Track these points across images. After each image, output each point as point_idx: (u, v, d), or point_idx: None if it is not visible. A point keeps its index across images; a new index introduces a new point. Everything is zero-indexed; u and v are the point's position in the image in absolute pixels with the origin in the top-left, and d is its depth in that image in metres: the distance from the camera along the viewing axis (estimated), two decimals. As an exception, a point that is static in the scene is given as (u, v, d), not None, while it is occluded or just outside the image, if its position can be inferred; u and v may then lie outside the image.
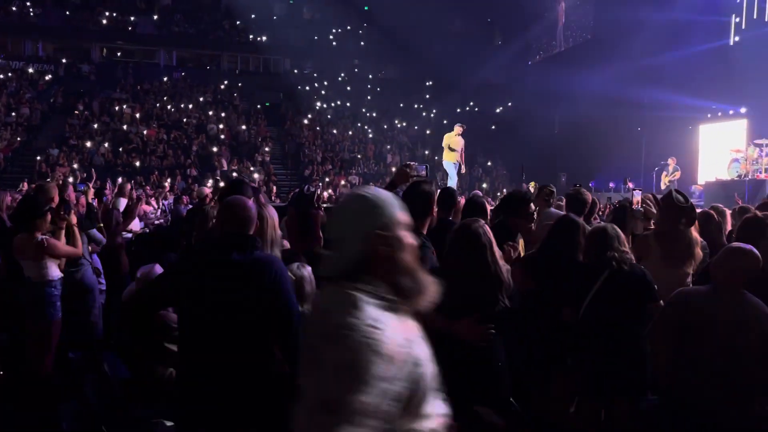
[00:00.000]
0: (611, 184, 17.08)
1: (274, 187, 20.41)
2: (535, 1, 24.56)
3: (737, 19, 16.11)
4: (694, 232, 4.09)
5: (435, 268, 3.23)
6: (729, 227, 4.63)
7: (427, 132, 27.39)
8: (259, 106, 27.49)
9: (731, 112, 17.58)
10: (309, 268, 3.79)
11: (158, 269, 3.90)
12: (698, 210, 5.07)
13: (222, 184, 17.97)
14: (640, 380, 3.39)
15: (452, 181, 12.35)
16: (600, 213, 6.69)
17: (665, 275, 3.46)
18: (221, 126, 24.32)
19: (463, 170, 12.76)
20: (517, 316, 3.59)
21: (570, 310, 3.57)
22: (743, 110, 16.99)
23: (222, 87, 28.06)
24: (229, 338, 2.60)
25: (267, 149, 23.77)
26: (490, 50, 27.10)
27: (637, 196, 4.57)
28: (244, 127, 24.93)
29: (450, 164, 12.65)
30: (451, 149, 12.54)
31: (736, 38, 16.01)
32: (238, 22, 30.95)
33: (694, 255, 3.98)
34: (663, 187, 14.58)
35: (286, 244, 3.96)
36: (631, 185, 15.43)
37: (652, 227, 4.35)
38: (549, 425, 3.83)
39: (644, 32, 17.30)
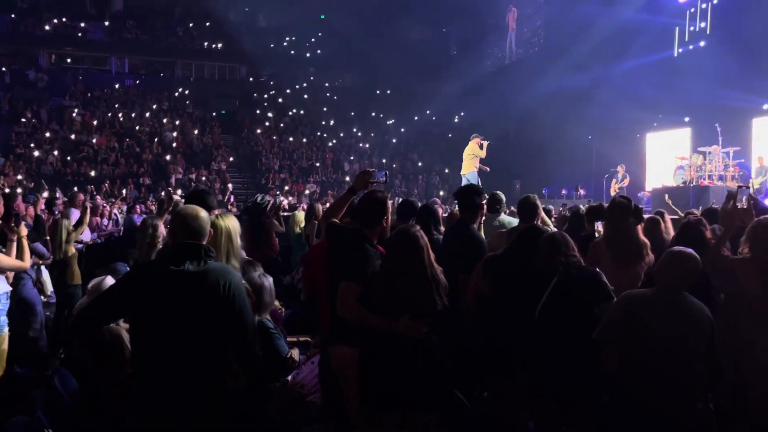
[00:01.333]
0: (563, 191, 17.50)
1: (231, 196, 20.20)
2: (489, 12, 25.05)
3: (680, 31, 16.77)
4: (643, 236, 4.26)
5: (376, 272, 3.30)
6: (672, 232, 4.82)
7: (389, 140, 27.56)
8: (214, 114, 27.16)
9: (676, 121, 18.28)
10: (270, 278, 3.80)
11: (110, 280, 3.84)
12: (650, 216, 5.29)
13: (180, 192, 17.71)
14: (595, 381, 3.47)
15: None
16: (553, 220, 6.86)
17: (618, 276, 3.60)
18: (175, 134, 23.92)
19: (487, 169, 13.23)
20: (458, 315, 3.69)
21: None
22: (687, 119, 17.69)
23: (176, 94, 27.62)
24: (183, 351, 2.56)
25: (223, 157, 23.50)
26: (446, 59, 27.47)
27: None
28: (197, 132, 24.57)
29: (475, 174, 13.05)
30: (477, 156, 13.05)
31: (680, 50, 16.65)
32: (192, 29, 30.55)
33: (644, 255, 4.14)
34: (613, 193, 15.04)
35: (243, 254, 3.95)
36: (582, 192, 15.88)
37: (601, 231, 4.52)
38: (505, 427, 3.92)
39: (593, 43, 17.84)
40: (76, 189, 13.74)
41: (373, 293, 3.21)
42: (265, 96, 28.65)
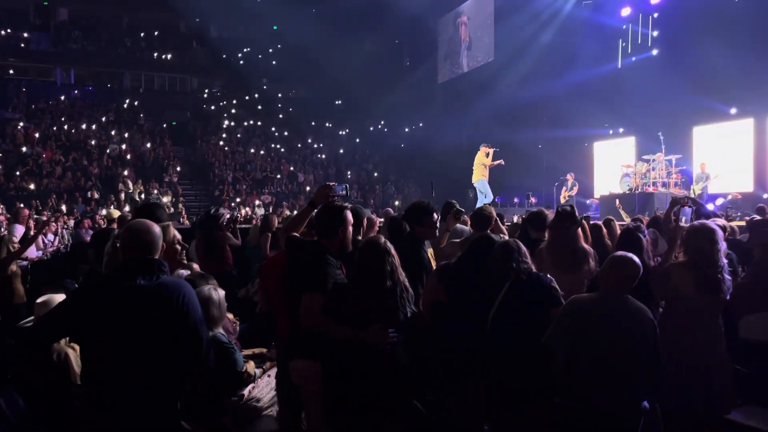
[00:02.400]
0: (516, 199, 17.85)
1: (183, 209, 19.85)
2: (441, 24, 25.44)
3: (624, 44, 17.39)
4: (585, 244, 4.41)
5: (343, 283, 3.32)
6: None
7: (340, 151, 27.56)
8: (165, 126, 26.67)
9: (621, 130, 18.92)
10: (221, 292, 3.77)
11: (57, 298, 3.74)
12: (593, 222, 5.47)
13: (127, 206, 17.31)
14: (547, 384, 3.54)
15: (489, 198, 13.10)
16: (508, 227, 7.02)
17: (560, 281, 3.70)
18: (124, 146, 23.38)
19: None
20: (424, 324, 3.74)
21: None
22: (631, 128, 18.34)
23: (125, 106, 27.02)
24: (136, 367, 2.53)
25: (174, 170, 23.08)
26: (399, 71, 27.73)
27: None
28: (149, 146, 24.08)
29: (483, 182, 13.22)
30: (484, 165, 13.21)
31: (624, 62, 17.26)
32: (141, 39, 30.00)
33: (584, 262, 4.29)
34: (563, 201, 15.41)
35: (196, 267, 3.91)
36: (533, 200, 16.22)
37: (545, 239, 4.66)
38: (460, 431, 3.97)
39: (542, 57, 18.33)
40: (21, 205, 13.28)
41: (339, 304, 3.22)
42: (218, 107, 28.31)
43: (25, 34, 27.74)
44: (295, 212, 4.61)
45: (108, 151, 22.72)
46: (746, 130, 15.75)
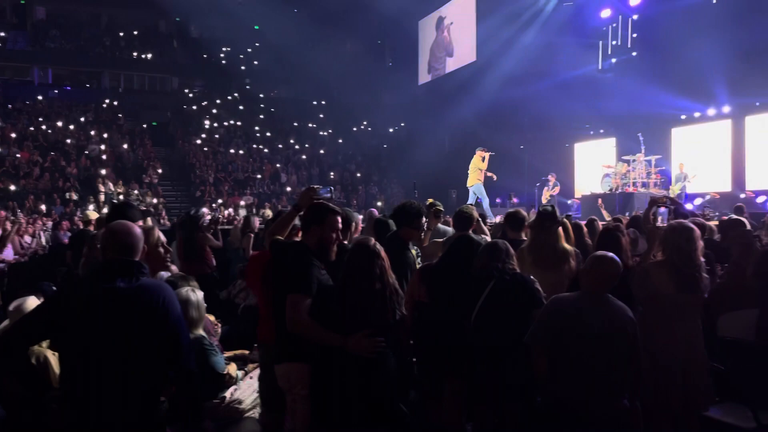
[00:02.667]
0: (498, 200, 17.95)
1: (163, 210, 19.66)
2: (422, 25, 25.47)
3: (604, 46, 17.56)
4: (566, 244, 4.44)
5: (329, 285, 3.30)
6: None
7: (321, 151, 27.48)
8: (145, 126, 26.39)
9: (602, 131, 19.13)
10: (200, 293, 3.74)
11: (33, 301, 3.69)
12: (575, 221, 5.51)
13: (107, 208, 17.08)
14: (528, 384, 3.56)
15: (486, 201, 13.36)
16: (490, 228, 7.05)
17: (539, 281, 3.73)
18: (103, 147, 23.09)
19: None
20: (411, 326, 3.74)
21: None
22: (612, 129, 18.54)
23: (104, 106, 26.68)
24: (116, 371, 2.49)
25: (155, 170, 22.85)
26: (382, 71, 27.73)
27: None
28: (126, 146, 23.80)
29: (479, 186, 13.40)
30: (480, 170, 13.37)
31: (604, 64, 17.43)
32: (120, 39, 29.66)
33: (564, 261, 4.32)
34: (545, 201, 15.53)
35: (174, 268, 3.87)
36: (515, 200, 16.32)
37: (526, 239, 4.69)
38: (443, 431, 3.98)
39: (524, 58, 18.43)
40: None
41: (325, 307, 3.20)
42: (199, 107, 28.07)
43: (2, 33, 27.28)
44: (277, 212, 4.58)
45: (87, 151, 22.44)
46: (724, 131, 16.00)
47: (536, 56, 18.32)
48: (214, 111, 28.03)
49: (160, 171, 23.08)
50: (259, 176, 24.38)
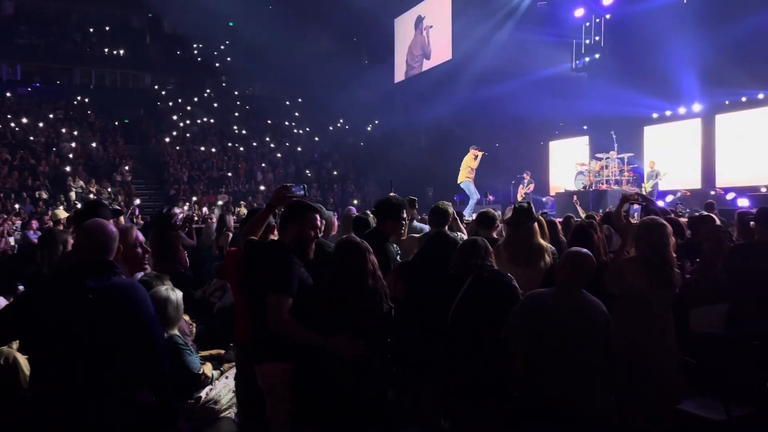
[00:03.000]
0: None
1: (137, 209, 19.36)
2: (398, 23, 25.47)
3: (578, 44, 17.76)
4: (542, 240, 4.48)
5: (311, 285, 3.27)
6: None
7: (299, 149, 27.34)
8: (117, 123, 25.97)
9: (576, 129, 19.34)
10: (179, 293, 3.69)
11: (2, 301, 3.60)
12: (549, 219, 5.55)
13: (78, 206, 16.77)
14: (506, 380, 3.57)
15: (473, 199, 13.40)
16: (466, 226, 7.09)
17: (516, 276, 3.75)
18: (74, 144, 22.66)
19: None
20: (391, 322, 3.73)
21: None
22: (585, 127, 18.76)
23: (75, 103, 26.19)
24: (88, 371, 2.45)
25: (127, 168, 22.51)
26: (358, 69, 27.68)
27: None
28: (97, 144, 23.40)
29: (468, 183, 13.49)
30: (471, 168, 13.43)
31: (577, 62, 17.63)
32: (92, 35, 29.13)
33: (539, 257, 4.36)
34: (520, 198, 15.65)
35: (147, 268, 3.81)
36: (491, 198, 16.42)
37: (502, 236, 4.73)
38: (420, 427, 3.99)
39: (498, 55, 18.54)
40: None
41: (309, 306, 3.17)
42: (172, 104, 27.71)
43: (-32, 29, 26.66)
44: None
45: (56, 149, 22.01)
46: (694, 130, 16.30)
47: (511, 55, 18.44)
48: (188, 108, 27.70)
49: (133, 169, 22.73)
50: (232, 174, 24.16)
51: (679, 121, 16.67)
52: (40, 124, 23.37)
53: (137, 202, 17.90)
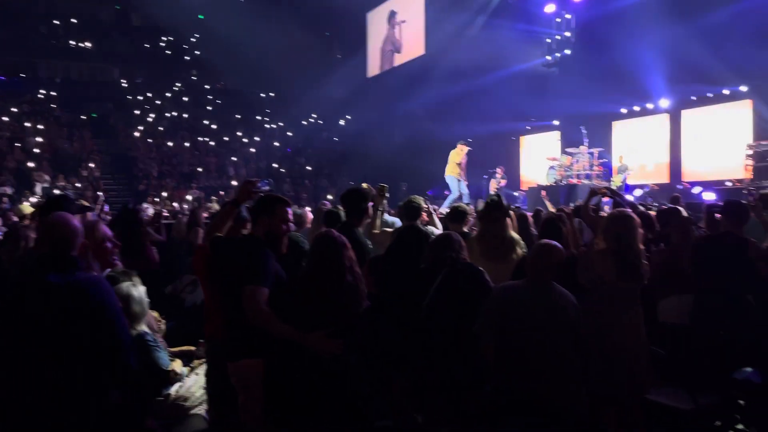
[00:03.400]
0: (446, 192, 18.12)
1: (106, 205, 18.97)
2: (371, 18, 25.40)
3: (548, 40, 17.90)
4: (513, 233, 4.51)
5: (286, 279, 3.24)
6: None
7: (276, 144, 27.10)
8: (84, 118, 25.42)
9: (547, 123, 19.55)
10: (142, 288, 3.61)
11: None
12: (520, 212, 5.59)
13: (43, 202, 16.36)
14: (481, 372, 3.59)
15: (453, 195, 13.25)
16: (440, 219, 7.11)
17: (488, 270, 3.77)
18: (39, 139, 22.13)
19: (466, 181, 13.79)
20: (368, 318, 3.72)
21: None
22: (556, 122, 18.95)
23: (40, 96, 25.55)
24: (51, 370, 2.38)
25: (94, 163, 22.06)
26: (330, 64, 27.53)
27: None
28: (64, 139, 22.87)
29: (453, 179, 13.41)
30: (458, 164, 13.33)
31: (548, 58, 17.78)
32: (58, 27, 28.44)
33: (511, 251, 4.39)
34: (492, 192, 15.75)
35: (118, 263, 3.73)
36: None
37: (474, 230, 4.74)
38: (394, 427, 3.98)
39: (470, 50, 18.60)
40: None
41: (285, 300, 3.13)
42: (140, 98, 27.21)
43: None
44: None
45: (20, 144, 21.46)
46: (662, 125, 16.60)
47: (483, 50, 18.50)
48: (158, 102, 27.25)
49: (101, 164, 22.28)
50: (204, 169, 23.86)
51: (647, 116, 16.96)
52: (5, 119, 22.75)
53: (101, 194, 17.46)
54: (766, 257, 4.20)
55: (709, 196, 11.23)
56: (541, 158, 17.29)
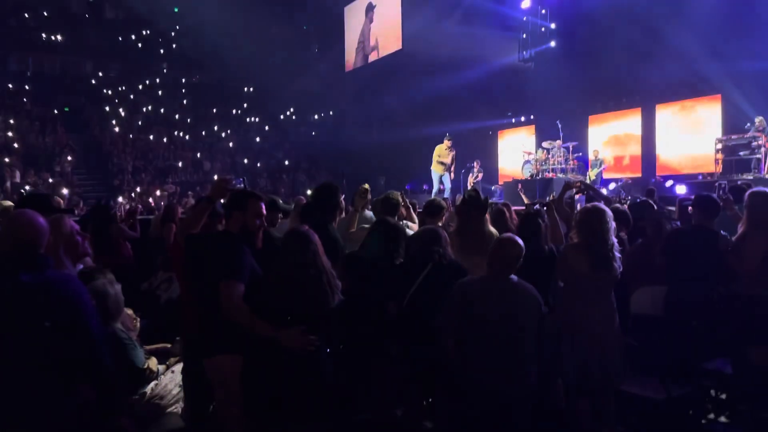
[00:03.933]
0: (425, 186, 18.15)
1: (81, 201, 18.69)
2: (348, 12, 25.27)
3: (525, 36, 18.01)
4: (492, 228, 4.54)
5: (261, 274, 3.22)
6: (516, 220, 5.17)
7: (253, 139, 26.87)
8: (57, 112, 24.93)
9: (523, 118, 19.68)
10: (118, 286, 3.57)
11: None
12: (497, 207, 5.62)
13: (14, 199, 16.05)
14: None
15: (435, 189, 13.42)
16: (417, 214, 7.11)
17: (467, 264, 3.80)
18: (10, 134, 21.67)
19: (452, 176, 13.98)
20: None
21: (394, 304, 3.76)
22: (532, 116, 19.10)
23: (10, 90, 24.99)
24: (23, 369, 2.35)
25: (68, 159, 21.67)
26: (308, 58, 27.37)
27: None
28: (35, 133, 22.41)
29: (436, 174, 13.54)
30: (441, 162, 13.45)
31: (525, 54, 17.89)
32: (28, 20, 27.79)
33: (490, 244, 4.41)
34: (469, 187, 15.83)
35: (88, 260, 3.68)
36: (442, 187, 16.55)
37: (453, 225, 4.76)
38: (373, 421, 3.99)
39: (447, 46, 18.63)
40: None
41: (260, 295, 3.12)
42: (115, 92, 26.75)
43: None
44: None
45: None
46: (635, 120, 16.82)
47: (460, 45, 18.56)
48: (132, 96, 26.82)
49: (74, 159, 21.90)
50: (180, 164, 23.59)
51: (621, 111, 17.17)
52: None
53: (65, 191, 17.11)
54: (735, 250, 4.28)
55: (681, 190, 11.42)
56: (518, 152, 17.42)
